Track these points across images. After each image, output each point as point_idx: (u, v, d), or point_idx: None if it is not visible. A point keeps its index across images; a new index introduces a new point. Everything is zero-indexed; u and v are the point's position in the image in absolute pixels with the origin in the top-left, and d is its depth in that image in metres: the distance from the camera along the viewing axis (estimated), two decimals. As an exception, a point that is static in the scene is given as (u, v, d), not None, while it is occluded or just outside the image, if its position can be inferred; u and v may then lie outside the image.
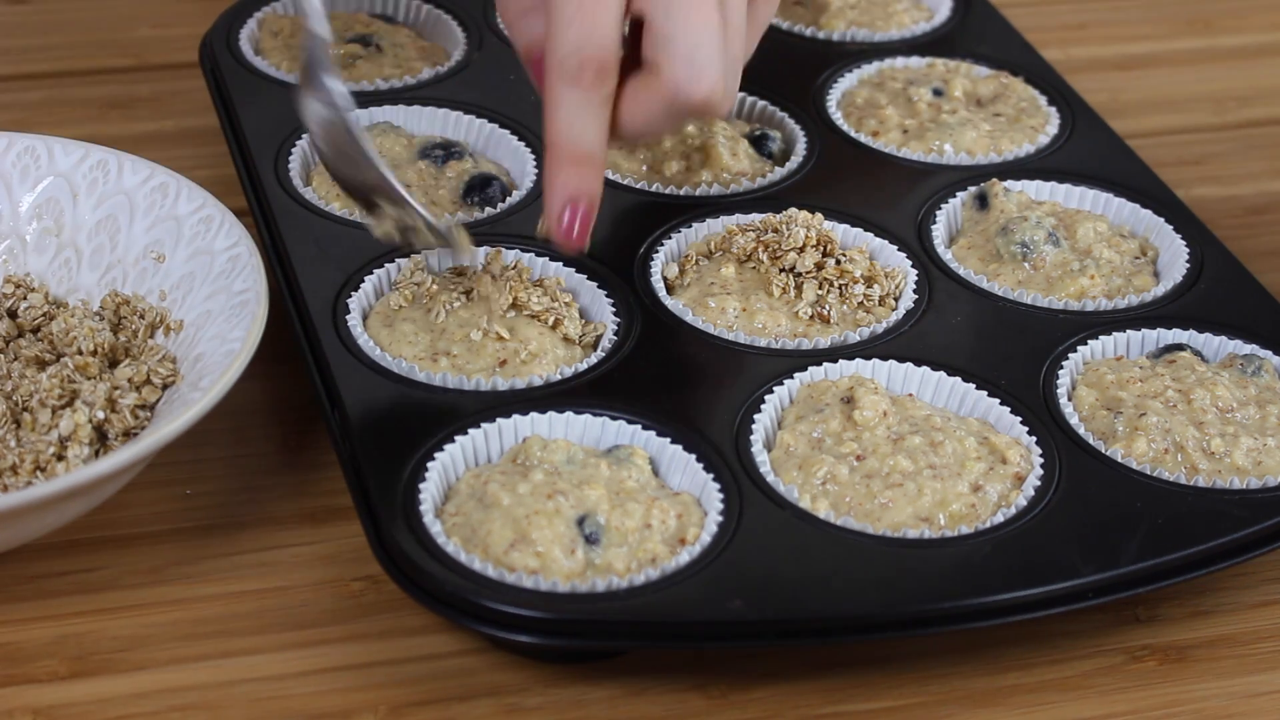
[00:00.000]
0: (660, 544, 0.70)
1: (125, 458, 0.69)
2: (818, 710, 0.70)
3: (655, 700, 0.70)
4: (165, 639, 0.71)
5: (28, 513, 0.69)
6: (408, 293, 0.80)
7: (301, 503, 0.78)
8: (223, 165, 0.93)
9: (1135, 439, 0.76)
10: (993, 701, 0.71)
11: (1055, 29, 1.18)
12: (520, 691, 0.70)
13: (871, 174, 0.91)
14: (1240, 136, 1.08)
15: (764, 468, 0.73)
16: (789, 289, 0.82)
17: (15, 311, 0.81)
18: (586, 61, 0.74)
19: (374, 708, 0.69)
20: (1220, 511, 0.73)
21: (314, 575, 0.74)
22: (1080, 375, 0.80)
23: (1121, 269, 0.86)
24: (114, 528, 0.76)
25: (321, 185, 0.88)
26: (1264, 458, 0.75)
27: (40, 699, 0.69)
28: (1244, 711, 0.71)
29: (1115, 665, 0.72)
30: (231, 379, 0.73)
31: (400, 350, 0.78)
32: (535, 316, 0.79)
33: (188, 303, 0.80)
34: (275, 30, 1.00)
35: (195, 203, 0.83)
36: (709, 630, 0.68)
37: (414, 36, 1.01)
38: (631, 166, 0.91)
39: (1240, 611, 0.75)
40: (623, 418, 0.75)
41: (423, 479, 0.71)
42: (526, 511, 0.69)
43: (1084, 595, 0.70)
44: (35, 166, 0.85)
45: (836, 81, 0.99)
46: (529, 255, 0.83)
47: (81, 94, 1.06)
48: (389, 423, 0.74)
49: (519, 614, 0.66)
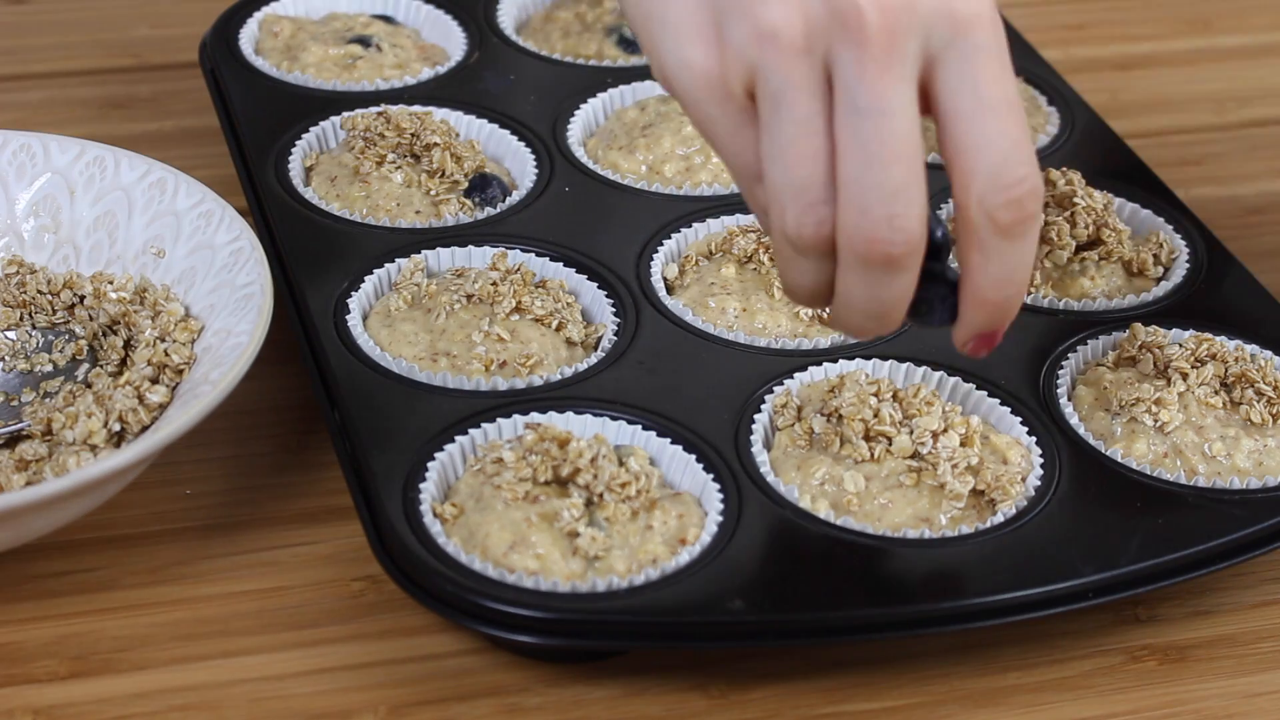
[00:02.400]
0: (660, 544, 0.70)
1: (140, 449, 0.69)
2: (818, 710, 0.70)
3: (655, 700, 0.70)
4: (165, 639, 0.71)
5: (36, 508, 0.68)
6: (407, 294, 0.80)
7: (301, 503, 0.78)
8: (223, 165, 0.93)
9: (1135, 439, 0.76)
10: (993, 701, 0.71)
11: (1055, 29, 1.18)
12: (520, 691, 0.70)
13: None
14: (1240, 136, 1.08)
15: (764, 468, 0.73)
16: (789, 289, 0.82)
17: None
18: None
19: (374, 708, 0.69)
20: (1220, 511, 0.73)
21: (314, 575, 0.74)
22: (1080, 375, 0.80)
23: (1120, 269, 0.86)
24: (114, 528, 0.76)
25: (321, 185, 0.88)
26: (1265, 458, 0.75)
27: (40, 699, 0.69)
28: (1244, 711, 0.71)
29: (1115, 665, 0.72)
30: (242, 370, 0.73)
31: (400, 350, 0.78)
32: (538, 320, 0.79)
33: (190, 298, 0.80)
34: (275, 30, 1.00)
35: (194, 198, 0.83)
36: (709, 630, 0.68)
37: (414, 36, 1.01)
38: (631, 166, 0.90)
39: (1240, 611, 0.75)
40: (623, 418, 0.75)
41: (423, 479, 0.71)
42: (525, 514, 0.69)
43: (1084, 595, 0.70)
44: (31, 164, 0.85)
45: (836, 81, 0.99)
46: (529, 256, 0.83)
47: (81, 94, 1.06)
48: (389, 423, 0.74)
49: (519, 614, 0.66)
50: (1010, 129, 0.62)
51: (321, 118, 0.92)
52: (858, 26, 0.61)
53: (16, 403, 0.78)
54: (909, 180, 0.62)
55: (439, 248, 0.83)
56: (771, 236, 0.66)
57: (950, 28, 0.62)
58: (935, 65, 0.62)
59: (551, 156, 0.91)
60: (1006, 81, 0.63)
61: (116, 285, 0.82)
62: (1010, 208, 0.63)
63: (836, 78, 0.62)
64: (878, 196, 0.62)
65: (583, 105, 0.95)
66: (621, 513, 0.70)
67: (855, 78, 0.61)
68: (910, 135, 0.61)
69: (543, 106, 0.94)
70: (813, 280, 0.66)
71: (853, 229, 0.63)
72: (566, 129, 0.93)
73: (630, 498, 0.70)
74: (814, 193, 0.63)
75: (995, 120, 0.62)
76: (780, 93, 0.62)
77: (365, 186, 0.87)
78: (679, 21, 0.64)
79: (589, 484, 0.70)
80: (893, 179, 0.62)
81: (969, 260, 0.65)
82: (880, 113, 0.61)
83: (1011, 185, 0.62)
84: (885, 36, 0.61)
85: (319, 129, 0.92)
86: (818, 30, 0.61)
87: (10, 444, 0.75)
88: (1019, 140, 0.62)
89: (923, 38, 0.62)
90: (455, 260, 0.83)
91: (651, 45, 0.65)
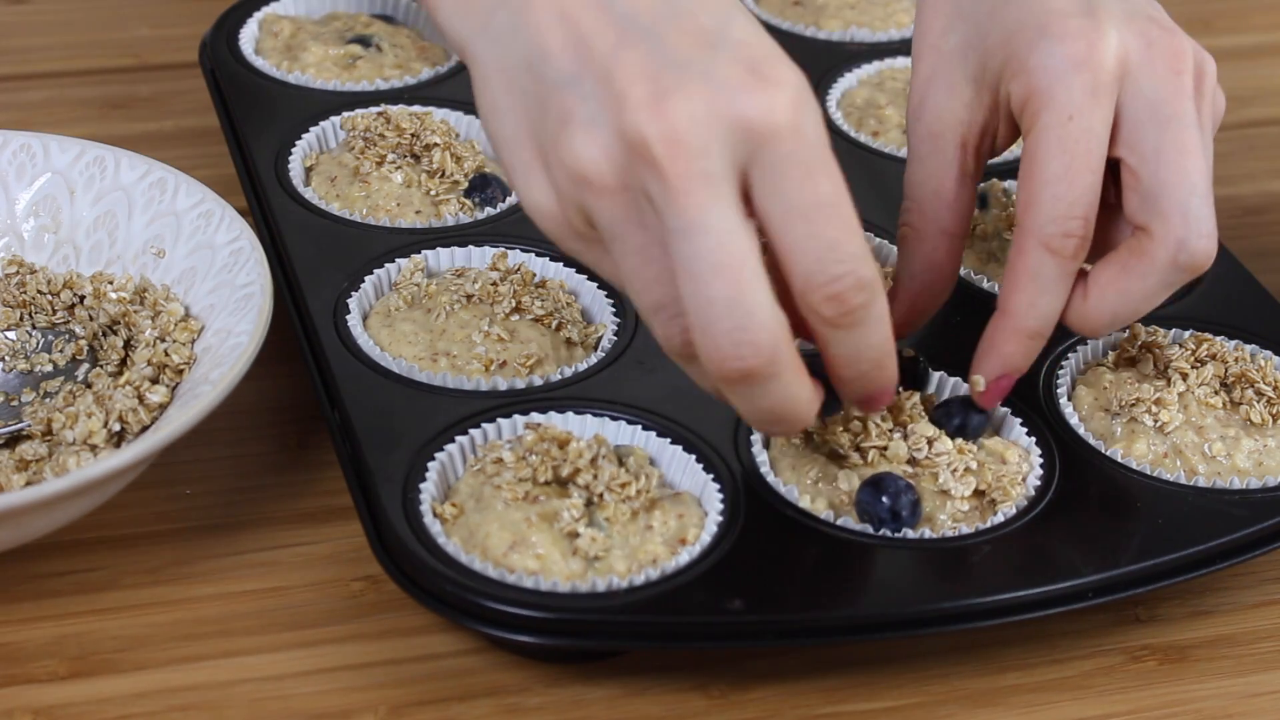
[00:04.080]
0: (660, 544, 0.70)
1: (140, 449, 0.69)
2: (818, 710, 0.70)
3: (655, 700, 0.70)
4: (165, 639, 0.71)
5: (36, 508, 0.68)
6: (407, 294, 0.80)
7: (301, 503, 0.78)
8: (223, 165, 0.93)
9: (1135, 439, 0.75)
10: (993, 701, 0.71)
11: (1055, 29, 1.17)
12: (520, 691, 0.70)
13: (871, 174, 0.91)
14: (1240, 136, 1.08)
15: (764, 468, 0.73)
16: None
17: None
18: (1074, 229, 0.69)
19: (374, 708, 0.69)
20: (1220, 511, 0.73)
21: (314, 575, 0.74)
22: (1080, 375, 0.80)
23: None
24: (114, 528, 0.76)
25: (321, 185, 0.88)
26: (1265, 458, 0.75)
27: (40, 699, 0.69)
28: (1244, 711, 0.71)
29: (1115, 665, 0.72)
30: (242, 370, 0.73)
31: (400, 350, 0.78)
32: (538, 320, 0.79)
33: (190, 298, 0.80)
34: (275, 30, 1.00)
35: (194, 198, 0.83)
36: (709, 630, 0.68)
37: (414, 36, 1.01)
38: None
39: (1240, 611, 0.75)
40: (623, 418, 0.75)
41: (423, 479, 0.71)
42: (525, 514, 0.69)
43: (1084, 595, 0.70)
44: (31, 164, 0.85)
45: (836, 81, 0.99)
46: (529, 256, 0.83)
47: (81, 94, 1.06)
48: (389, 423, 0.74)
49: (519, 614, 0.66)
50: (822, 230, 0.63)
51: (321, 118, 0.92)
52: (650, 158, 0.62)
53: (16, 403, 0.78)
54: (741, 291, 0.62)
55: (439, 248, 0.83)
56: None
57: (751, 140, 0.62)
58: (749, 175, 0.63)
59: (551, 156, 0.91)
60: (817, 184, 0.63)
61: (116, 285, 0.82)
62: (830, 303, 0.64)
63: (652, 205, 0.63)
64: (713, 314, 0.63)
65: (583, 105, 0.95)
66: (621, 513, 0.70)
67: (664, 202, 0.62)
68: (732, 246, 0.62)
69: (543, 106, 0.94)
70: (712, 385, 0.67)
71: (703, 351, 0.64)
72: (566, 129, 0.93)
73: (630, 498, 0.70)
74: (668, 309, 0.64)
75: (804, 224, 0.63)
76: (610, 228, 0.64)
77: (365, 186, 0.87)
78: (523, 169, 0.66)
79: (589, 484, 0.70)
80: (720, 294, 0.62)
81: (819, 345, 0.66)
82: (693, 231, 0.62)
83: (826, 284, 0.63)
84: (680, 162, 0.61)
85: (319, 129, 0.92)
86: (622, 166, 0.62)
87: (10, 444, 0.75)
88: (833, 240, 0.63)
89: (728, 152, 0.62)
90: (455, 260, 0.83)
91: (511, 185, 0.67)
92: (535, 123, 0.65)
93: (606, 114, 0.62)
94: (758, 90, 0.62)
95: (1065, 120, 0.70)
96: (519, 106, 0.65)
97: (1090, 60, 0.70)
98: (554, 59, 0.64)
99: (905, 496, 0.70)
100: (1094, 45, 0.70)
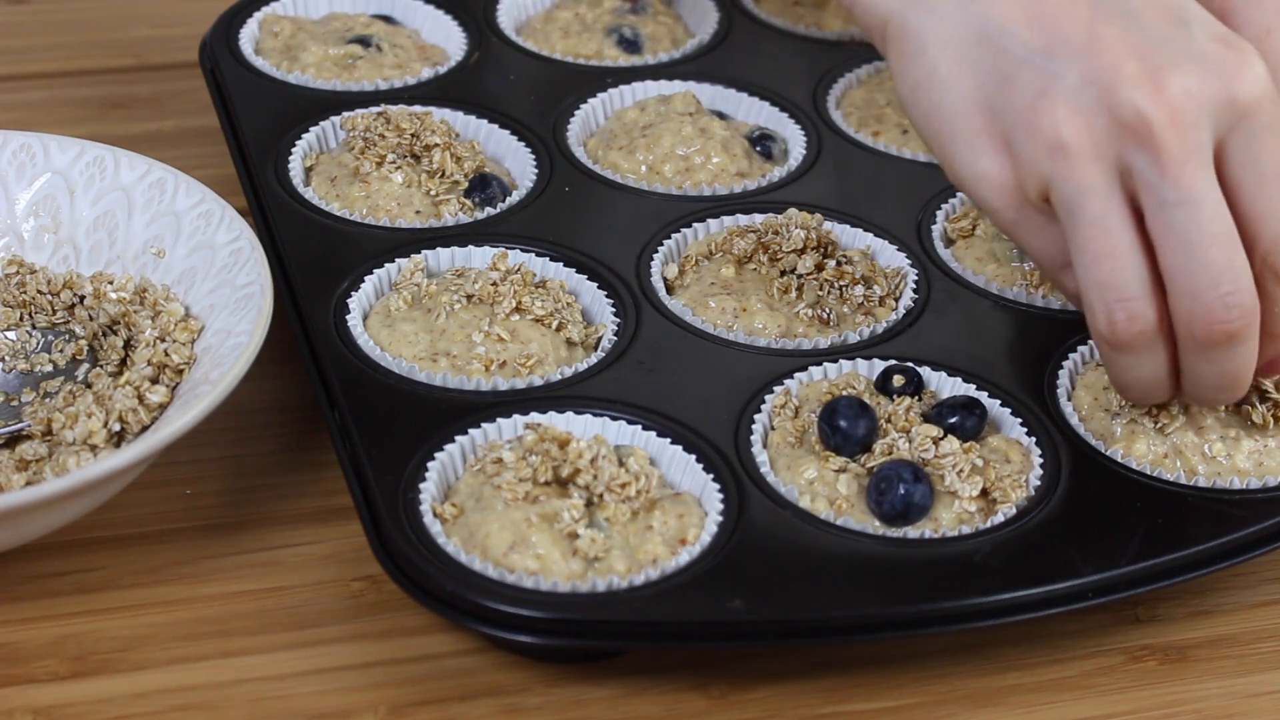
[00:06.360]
0: (660, 544, 0.70)
1: (140, 449, 0.69)
2: (818, 710, 0.70)
3: (655, 700, 0.70)
4: (165, 639, 0.71)
5: (36, 508, 0.68)
6: (407, 294, 0.80)
7: (301, 503, 0.78)
8: (223, 165, 0.93)
9: (1135, 440, 0.75)
10: (993, 701, 0.71)
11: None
12: (520, 691, 0.70)
13: (871, 174, 0.91)
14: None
15: (764, 468, 0.73)
16: (789, 289, 0.82)
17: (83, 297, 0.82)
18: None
19: (374, 708, 0.69)
20: (1220, 511, 0.73)
21: (314, 575, 0.74)
22: (1080, 375, 0.80)
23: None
24: (114, 528, 0.76)
25: (321, 185, 0.88)
26: (1265, 458, 0.75)
27: (40, 699, 0.69)
28: (1244, 711, 0.71)
29: (1115, 665, 0.72)
30: (242, 370, 0.73)
31: (400, 350, 0.78)
32: (538, 320, 0.79)
33: (190, 298, 0.80)
34: (275, 30, 1.00)
35: (194, 198, 0.83)
36: (709, 630, 0.68)
37: (414, 36, 1.01)
38: (631, 166, 0.90)
39: (1240, 611, 0.75)
40: (623, 418, 0.75)
41: (423, 479, 0.71)
42: (525, 514, 0.69)
43: (1084, 595, 0.70)
44: (31, 164, 0.85)
45: (836, 81, 0.99)
46: (529, 256, 0.83)
47: (81, 94, 1.06)
48: (389, 423, 0.74)
49: (519, 614, 0.66)
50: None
51: (321, 118, 0.92)
52: (1147, 133, 0.65)
53: (16, 403, 0.78)
54: (1231, 257, 0.66)
55: (439, 248, 0.83)
56: (1094, 340, 0.70)
57: (1234, 112, 0.66)
58: (1224, 145, 0.66)
59: (551, 156, 0.91)
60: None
61: (116, 285, 0.82)
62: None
63: (1137, 179, 0.66)
64: (1206, 280, 0.66)
65: (583, 105, 0.95)
66: (621, 513, 0.70)
67: (1158, 176, 0.65)
68: (1221, 215, 0.66)
69: (542, 106, 0.94)
70: (1137, 376, 0.70)
71: (1188, 316, 0.67)
72: (566, 129, 0.93)
73: (630, 498, 0.70)
74: (1121, 289, 0.67)
75: (1278, 189, 0.67)
76: (1074, 197, 0.67)
77: (365, 186, 0.87)
78: (969, 137, 0.69)
79: (589, 484, 0.70)
80: (1216, 260, 0.66)
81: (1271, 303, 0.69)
82: (1189, 202, 0.65)
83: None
84: (1177, 135, 0.65)
85: (319, 129, 0.92)
86: (1104, 140, 0.66)
87: (10, 444, 0.75)
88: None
89: (1211, 124, 0.66)
90: (455, 260, 0.83)
91: (944, 158, 0.70)
92: (993, 94, 0.68)
93: (1093, 88, 0.66)
94: (1242, 65, 0.66)
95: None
96: (970, 77, 0.68)
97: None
98: (1018, 33, 0.67)
99: (921, 486, 0.72)
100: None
